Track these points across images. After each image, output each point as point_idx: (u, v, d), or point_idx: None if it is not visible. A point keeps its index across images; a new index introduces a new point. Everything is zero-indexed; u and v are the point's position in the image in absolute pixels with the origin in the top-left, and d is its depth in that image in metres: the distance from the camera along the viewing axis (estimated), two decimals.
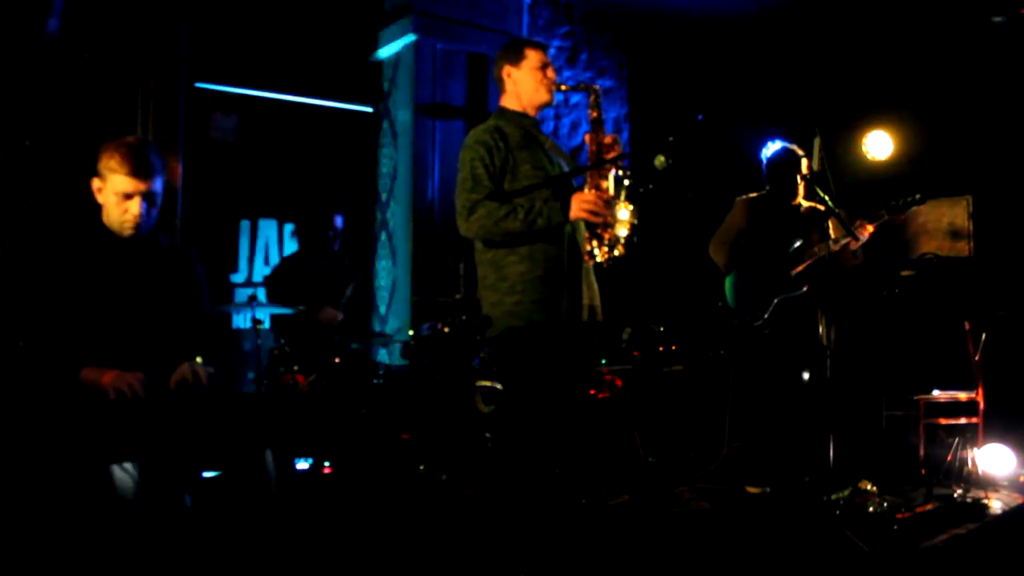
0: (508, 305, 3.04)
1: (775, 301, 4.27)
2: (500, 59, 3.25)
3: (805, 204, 4.51)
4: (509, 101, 3.23)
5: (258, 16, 5.09)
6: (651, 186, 3.16)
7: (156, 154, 2.67)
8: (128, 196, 2.62)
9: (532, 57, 3.19)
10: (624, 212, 3.00)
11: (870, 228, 4.11)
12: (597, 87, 3.19)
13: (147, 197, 2.64)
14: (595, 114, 3.14)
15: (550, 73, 3.20)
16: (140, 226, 2.66)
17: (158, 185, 2.67)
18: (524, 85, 3.19)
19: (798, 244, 4.30)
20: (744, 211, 4.52)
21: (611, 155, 3.06)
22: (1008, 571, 3.37)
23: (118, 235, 2.68)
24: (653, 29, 6.64)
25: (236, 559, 2.46)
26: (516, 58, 3.20)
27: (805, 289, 4.28)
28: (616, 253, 2.98)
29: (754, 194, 4.55)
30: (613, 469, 4.24)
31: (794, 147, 4.46)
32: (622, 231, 2.99)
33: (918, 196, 4.10)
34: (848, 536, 3.34)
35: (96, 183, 2.66)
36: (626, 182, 3.03)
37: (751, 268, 4.39)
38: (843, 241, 4.19)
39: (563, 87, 3.30)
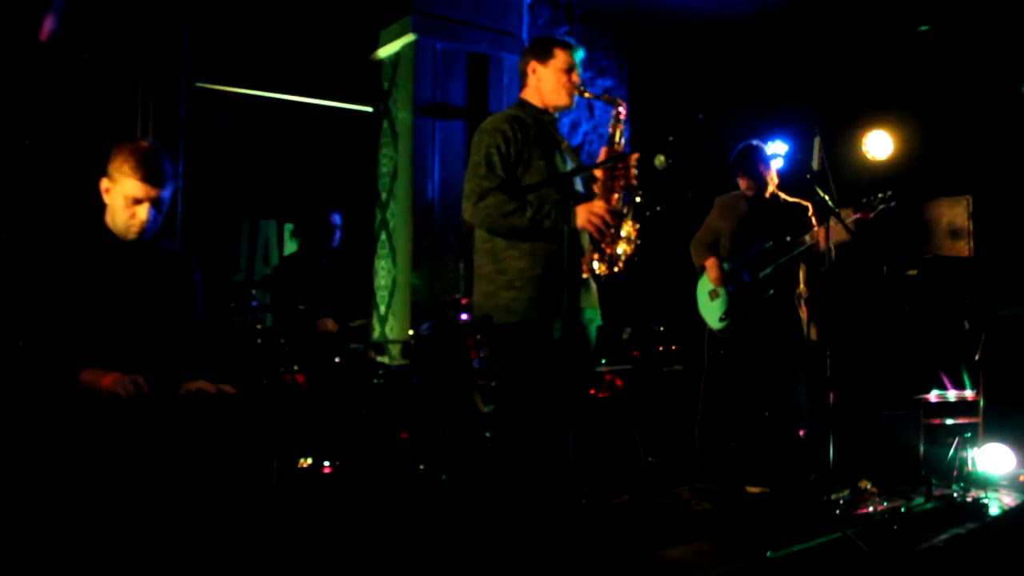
0: (504, 300, 3.02)
1: (743, 303, 4.23)
2: (527, 53, 3.23)
3: (787, 199, 4.45)
4: (530, 95, 3.21)
5: (258, 16, 5.09)
6: (658, 208, 3.16)
7: (169, 161, 2.65)
8: (138, 201, 2.60)
9: (560, 57, 3.15)
10: (629, 230, 3.00)
11: (834, 226, 4.00)
12: (621, 102, 3.15)
13: (156, 204, 2.63)
14: (613, 129, 3.13)
15: (575, 77, 3.16)
16: (145, 232, 2.65)
17: (168, 192, 2.65)
18: (546, 83, 3.17)
19: (769, 245, 4.24)
20: (718, 210, 4.51)
21: (628, 172, 3.04)
22: (1008, 571, 3.37)
23: (120, 237, 2.67)
24: (653, 29, 6.63)
25: (236, 559, 2.46)
26: (544, 55, 3.17)
27: (772, 292, 4.24)
28: (615, 269, 2.98)
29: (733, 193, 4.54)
30: (613, 469, 4.24)
31: (755, 142, 4.42)
32: (624, 248, 2.99)
33: (889, 193, 4.04)
34: (848, 536, 3.34)
35: (105, 183, 2.65)
36: (636, 199, 3.03)
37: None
38: (809, 240, 4.11)
39: (587, 94, 3.22)
